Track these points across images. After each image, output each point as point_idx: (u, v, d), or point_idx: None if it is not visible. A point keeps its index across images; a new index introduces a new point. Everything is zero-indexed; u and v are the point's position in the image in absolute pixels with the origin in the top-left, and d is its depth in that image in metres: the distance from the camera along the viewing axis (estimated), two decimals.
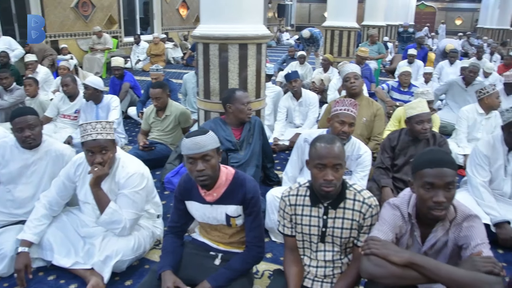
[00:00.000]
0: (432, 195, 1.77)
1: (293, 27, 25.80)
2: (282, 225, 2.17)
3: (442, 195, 1.76)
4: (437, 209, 1.78)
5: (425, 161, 1.82)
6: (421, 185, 1.80)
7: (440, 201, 1.76)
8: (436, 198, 1.76)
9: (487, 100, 4.64)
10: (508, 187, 3.34)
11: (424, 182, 1.79)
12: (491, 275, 1.66)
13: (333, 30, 7.94)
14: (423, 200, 1.81)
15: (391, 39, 14.73)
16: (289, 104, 5.24)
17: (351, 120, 2.89)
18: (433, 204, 1.77)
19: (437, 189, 1.77)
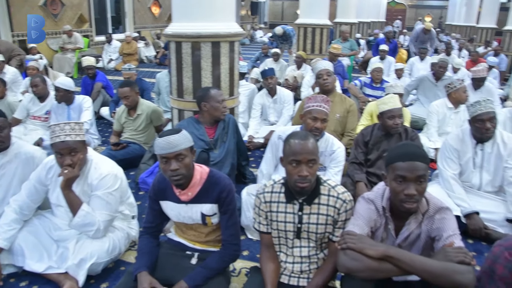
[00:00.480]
0: (403, 188, 1.81)
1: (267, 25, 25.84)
2: (257, 222, 2.18)
3: (414, 188, 1.80)
4: (408, 202, 1.82)
5: (398, 154, 1.85)
6: (394, 178, 1.84)
7: (412, 194, 1.79)
8: (408, 191, 1.80)
9: (455, 94, 4.77)
10: (476, 179, 3.44)
11: (396, 175, 1.82)
12: (462, 265, 1.70)
13: (306, 27, 7.97)
14: (395, 193, 1.84)
15: (363, 36, 14.93)
16: (263, 101, 5.25)
17: (324, 116, 2.91)
18: (405, 197, 1.81)
19: (409, 182, 1.80)
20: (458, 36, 15.43)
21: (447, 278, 1.69)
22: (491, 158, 3.38)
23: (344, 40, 9.51)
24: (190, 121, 3.52)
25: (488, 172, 3.41)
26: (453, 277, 1.68)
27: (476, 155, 3.41)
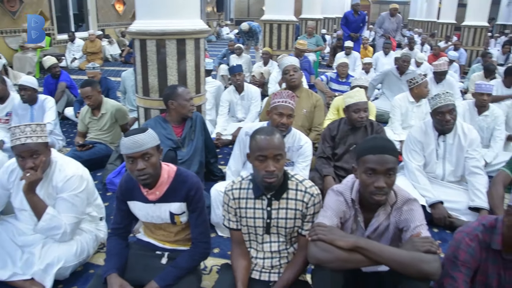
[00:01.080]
0: (373, 181, 1.84)
1: (233, 21, 25.75)
2: (227, 219, 2.18)
3: (383, 181, 1.83)
4: (378, 194, 1.86)
5: (368, 147, 1.89)
6: (364, 171, 1.87)
7: (381, 186, 1.83)
8: (377, 183, 1.83)
9: (417, 89, 4.91)
10: (440, 170, 3.54)
11: (367, 167, 1.86)
12: (429, 254, 1.76)
13: (272, 23, 8.00)
14: (365, 185, 1.88)
15: (328, 31, 15.09)
16: (231, 98, 5.25)
17: (289, 111, 2.93)
18: (374, 189, 1.85)
19: (379, 174, 1.84)
20: (420, 31, 15.81)
21: (414, 267, 1.73)
22: (453, 149, 3.49)
23: (310, 35, 9.60)
24: (157, 120, 3.48)
25: (451, 163, 3.52)
26: (420, 266, 1.73)
27: (438, 147, 3.51)
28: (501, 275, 1.87)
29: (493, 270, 1.87)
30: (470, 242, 1.86)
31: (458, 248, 1.88)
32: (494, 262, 1.87)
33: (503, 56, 10.71)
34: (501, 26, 18.91)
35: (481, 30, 11.32)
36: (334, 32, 15.80)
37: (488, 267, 1.87)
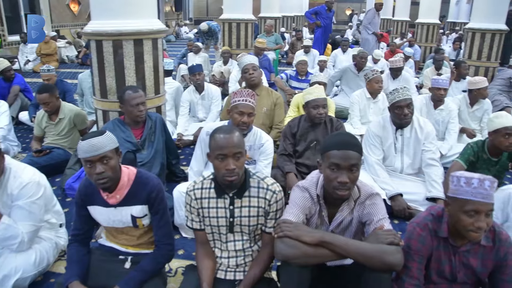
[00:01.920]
0: (337, 176, 1.87)
1: (192, 21, 25.55)
2: (190, 220, 2.17)
3: (346, 176, 1.87)
4: (341, 189, 1.89)
5: (333, 143, 1.91)
6: (328, 166, 1.90)
7: (344, 181, 1.86)
8: (341, 178, 1.86)
9: (368, 85, 5.04)
10: (398, 163, 3.65)
11: (331, 163, 1.88)
12: (392, 246, 1.81)
13: (231, 22, 8.00)
14: (329, 180, 1.91)
15: (287, 30, 15.22)
16: (191, 97, 5.21)
17: (250, 110, 2.94)
18: (338, 184, 1.88)
19: (342, 170, 1.87)
20: None
21: (378, 259, 1.78)
22: (410, 142, 3.60)
23: (269, 34, 9.65)
24: (115, 122, 3.42)
25: (408, 156, 3.63)
26: (384, 257, 1.78)
27: (397, 141, 3.61)
28: (452, 261, 1.94)
29: (445, 257, 1.94)
30: (421, 231, 1.93)
31: (411, 238, 1.94)
32: (445, 249, 1.94)
33: (454, 52, 11.12)
34: (452, 23, 19.62)
35: (434, 27, 11.72)
36: (293, 30, 15.96)
37: (440, 254, 1.94)
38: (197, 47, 8.07)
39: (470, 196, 1.74)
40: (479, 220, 1.74)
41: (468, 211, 1.75)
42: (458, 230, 1.84)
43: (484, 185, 1.73)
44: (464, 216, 1.76)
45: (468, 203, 1.74)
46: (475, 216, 1.75)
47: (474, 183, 1.73)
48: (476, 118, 5.01)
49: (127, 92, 3.30)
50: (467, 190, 1.74)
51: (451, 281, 1.98)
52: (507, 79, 6.51)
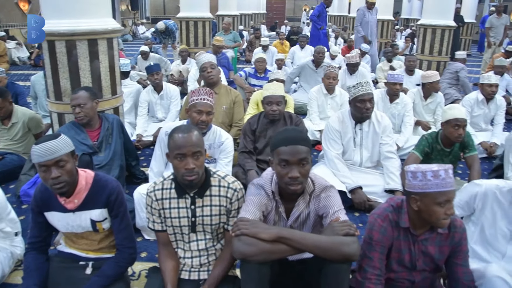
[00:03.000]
0: (287, 171, 1.90)
1: (149, 20, 25.13)
2: (151, 222, 2.14)
3: (297, 171, 1.89)
4: (293, 184, 1.91)
5: (280, 139, 1.93)
6: (278, 163, 1.92)
7: (295, 176, 1.89)
8: (291, 173, 1.89)
9: (323, 81, 5.13)
10: (357, 157, 3.73)
11: (280, 159, 1.90)
12: (348, 237, 1.84)
13: (188, 21, 7.94)
14: (280, 176, 1.93)
15: (245, 27, 15.24)
16: (150, 98, 5.14)
17: (209, 109, 2.93)
18: (289, 179, 1.90)
19: (292, 165, 1.89)
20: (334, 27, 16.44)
21: (335, 251, 1.81)
22: (368, 136, 3.68)
23: (227, 32, 9.64)
24: (70, 125, 3.32)
25: (367, 149, 3.71)
26: (341, 248, 1.81)
27: (356, 135, 3.69)
28: (412, 250, 2.01)
29: (405, 246, 2.01)
30: (382, 222, 1.99)
31: (372, 229, 1.99)
32: (404, 238, 2.01)
33: (407, 48, 11.46)
34: (405, 20, 20.20)
35: (388, 23, 12.01)
36: (251, 28, 16.01)
37: (401, 244, 2.01)
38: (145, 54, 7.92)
39: (441, 188, 1.81)
40: (450, 207, 1.84)
41: (441, 202, 1.82)
42: (428, 222, 1.91)
43: (449, 174, 1.82)
44: (437, 208, 1.83)
45: (441, 194, 1.81)
46: (446, 204, 1.83)
47: (442, 174, 1.80)
48: (430, 110, 5.19)
49: (73, 93, 3.23)
50: (437, 182, 1.81)
51: (410, 269, 2.05)
52: (454, 72, 6.80)
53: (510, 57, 8.94)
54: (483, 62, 11.19)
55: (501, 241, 2.17)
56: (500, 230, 2.14)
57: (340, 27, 17.04)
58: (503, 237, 2.15)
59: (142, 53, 7.87)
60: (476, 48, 16.00)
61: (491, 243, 2.20)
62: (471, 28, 15.32)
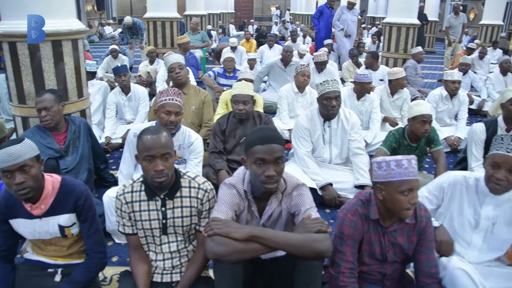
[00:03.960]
0: (264, 170, 1.90)
1: (116, 20, 24.74)
2: (122, 225, 2.11)
3: (273, 169, 1.90)
4: (269, 183, 1.92)
5: (256, 138, 1.93)
6: (254, 161, 1.92)
7: (272, 175, 1.90)
8: (268, 172, 1.89)
9: (295, 78, 5.18)
10: (327, 154, 3.77)
11: (256, 158, 1.90)
12: (320, 234, 1.87)
13: (155, 21, 7.85)
14: (256, 175, 1.93)
15: (214, 27, 15.19)
16: (117, 99, 5.06)
17: (177, 109, 2.91)
18: (265, 178, 1.90)
19: (268, 164, 1.90)
20: (302, 26, 16.59)
21: (308, 248, 1.83)
22: (337, 133, 3.74)
23: (195, 32, 9.58)
24: (35, 129, 3.23)
25: (336, 146, 3.77)
26: (313, 245, 1.83)
27: (325, 132, 3.73)
28: (382, 242, 2.06)
29: (375, 239, 2.06)
30: (352, 217, 2.02)
31: (343, 224, 2.03)
32: (374, 231, 2.05)
33: (374, 45, 11.66)
34: (371, 18, 20.56)
35: None
36: (220, 28, 15.97)
37: (371, 236, 2.05)
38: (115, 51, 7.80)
39: (404, 177, 1.87)
40: (413, 197, 1.89)
41: (404, 191, 1.87)
42: (393, 211, 1.95)
43: (412, 164, 1.88)
44: (400, 196, 1.88)
45: (403, 183, 1.87)
46: (409, 193, 1.88)
47: (404, 164, 1.87)
48: (397, 107, 5.30)
49: (37, 96, 3.15)
50: (400, 171, 1.87)
51: (382, 261, 2.09)
52: (412, 67, 7.00)
53: (471, 54, 9.26)
54: (445, 59, 11.52)
55: (468, 230, 2.24)
56: (467, 219, 2.21)
57: (308, 26, 17.19)
58: (469, 226, 2.23)
59: (113, 51, 7.74)
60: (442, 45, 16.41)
61: (458, 233, 2.27)
62: (434, 26, 15.74)
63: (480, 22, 13.37)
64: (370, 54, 6.86)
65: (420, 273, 2.07)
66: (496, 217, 2.18)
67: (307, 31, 13.74)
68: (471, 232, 2.21)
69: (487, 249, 2.20)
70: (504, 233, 2.19)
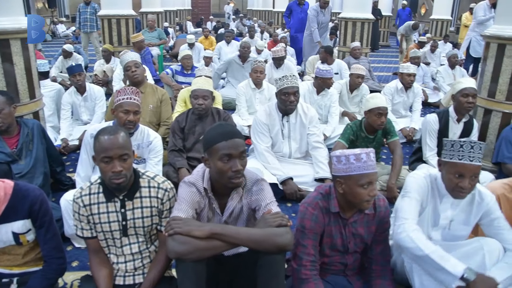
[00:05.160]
0: (231, 165, 1.90)
1: (69, 18, 24.01)
2: (80, 229, 2.06)
3: (239, 164, 1.91)
4: (236, 177, 1.92)
5: (217, 135, 1.92)
6: (219, 158, 1.91)
7: (239, 169, 1.90)
8: (235, 167, 1.90)
9: (251, 75, 5.20)
10: (286, 148, 3.81)
11: (222, 154, 1.89)
12: (281, 228, 1.88)
13: (110, 18, 7.65)
14: (223, 171, 1.91)
15: (171, 24, 15.01)
16: (73, 100, 4.90)
17: (135, 108, 2.86)
18: (233, 173, 1.90)
19: (235, 158, 1.90)
20: (260, 22, 16.64)
21: (269, 242, 1.84)
22: (296, 128, 3.78)
23: (152, 29, 9.43)
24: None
25: (295, 141, 3.81)
26: (274, 240, 1.85)
27: (283, 127, 3.77)
28: (343, 233, 2.11)
29: (336, 231, 2.10)
30: (312, 210, 2.06)
31: (304, 218, 2.06)
32: (335, 223, 2.10)
33: (331, 41, 11.83)
34: None
35: None
36: (177, 25, 15.78)
37: (332, 229, 2.10)
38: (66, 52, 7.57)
39: (363, 170, 1.91)
40: (373, 189, 1.94)
41: (364, 184, 1.92)
42: (353, 203, 2.00)
43: (370, 157, 1.93)
44: (360, 190, 1.93)
45: (363, 176, 1.92)
46: (369, 186, 1.93)
47: (363, 157, 1.91)
48: (355, 103, 5.42)
49: None
50: (359, 165, 1.91)
51: (343, 252, 2.15)
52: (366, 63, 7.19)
53: (423, 47, 9.58)
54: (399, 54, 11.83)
55: (429, 227, 2.28)
56: (427, 217, 2.27)
57: (265, 21, 17.28)
58: (430, 223, 2.29)
59: (64, 51, 7.50)
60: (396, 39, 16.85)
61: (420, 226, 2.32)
62: (388, 21, 16.14)
63: (431, 17, 13.84)
64: (323, 48, 6.97)
65: (374, 261, 2.14)
66: (453, 216, 2.25)
67: (264, 27, 13.79)
68: (431, 229, 2.28)
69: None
70: (460, 230, 2.27)
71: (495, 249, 2.06)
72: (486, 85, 4.08)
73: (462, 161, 2.04)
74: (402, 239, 2.04)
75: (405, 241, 2.02)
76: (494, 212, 2.18)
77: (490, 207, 2.19)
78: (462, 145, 2.05)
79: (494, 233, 2.17)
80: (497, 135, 3.97)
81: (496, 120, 4.04)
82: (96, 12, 9.00)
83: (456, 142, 2.07)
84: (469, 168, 2.05)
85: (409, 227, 2.05)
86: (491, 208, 2.19)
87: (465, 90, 3.52)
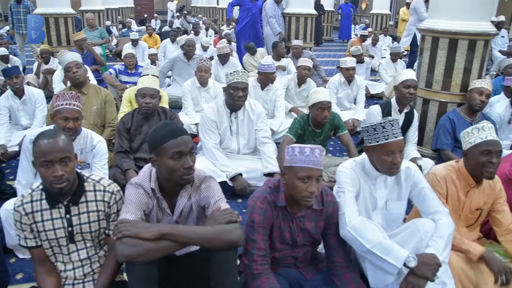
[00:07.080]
0: (182, 163, 1.89)
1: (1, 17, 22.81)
2: (23, 238, 1.98)
3: (190, 160, 1.91)
4: (188, 174, 1.92)
5: (165, 134, 1.91)
6: (170, 157, 1.89)
7: (190, 165, 1.91)
8: (187, 164, 1.90)
9: (195, 74, 5.19)
10: (235, 145, 3.84)
11: (173, 152, 1.88)
12: (231, 224, 1.90)
13: (47, 17, 7.31)
14: (174, 170, 1.90)
15: (113, 23, 14.61)
16: (10, 104, 4.68)
17: (76, 114, 2.74)
18: (185, 170, 1.90)
19: (185, 155, 1.90)
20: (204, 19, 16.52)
21: (220, 239, 1.85)
22: (244, 124, 3.81)
23: (92, 28, 9.14)
24: None
25: (244, 137, 3.84)
26: (225, 236, 1.86)
27: (232, 123, 3.79)
28: (291, 227, 2.15)
29: (285, 224, 2.14)
30: (261, 204, 2.08)
31: (253, 212, 2.08)
32: (283, 217, 2.13)
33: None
34: None
35: None
36: (120, 23, 15.39)
37: (281, 223, 2.13)
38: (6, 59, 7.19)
39: (303, 164, 1.94)
40: (311, 185, 1.95)
41: (302, 178, 1.94)
42: (294, 197, 2.02)
43: (314, 153, 1.95)
44: (298, 183, 1.95)
45: (302, 169, 1.94)
46: (308, 181, 1.95)
47: (307, 151, 1.94)
48: (302, 97, 5.51)
49: None
50: (301, 158, 1.94)
51: (292, 245, 2.18)
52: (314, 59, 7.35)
53: (365, 41, 9.89)
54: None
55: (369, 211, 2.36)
56: (366, 201, 2.35)
57: (210, 18, 17.18)
58: (369, 206, 2.36)
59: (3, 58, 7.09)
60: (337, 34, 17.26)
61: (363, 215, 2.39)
62: (331, 16, 16.50)
63: (371, 12, 14.29)
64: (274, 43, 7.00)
65: (335, 254, 2.18)
66: (388, 195, 2.34)
67: (209, 24, 13.72)
68: (372, 212, 2.37)
69: (386, 225, 2.36)
70: (397, 207, 2.36)
71: (430, 227, 2.16)
72: (424, 76, 4.27)
73: (389, 140, 2.15)
74: (346, 236, 2.13)
75: (349, 238, 2.12)
76: (420, 182, 2.30)
77: (416, 178, 2.31)
78: (383, 126, 2.17)
79: (422, 201, 2.29)
80: (435, 123, 4.16)
81: (434, 109, 4.23)
82: (29, 11, 8.50)
83: (377, 125, 2.18)
84: (396, 144, 2.16)
85: (349, 221, 2.12)
86: (418, 178, 2.31)
87: (406, 82, 3.68)
